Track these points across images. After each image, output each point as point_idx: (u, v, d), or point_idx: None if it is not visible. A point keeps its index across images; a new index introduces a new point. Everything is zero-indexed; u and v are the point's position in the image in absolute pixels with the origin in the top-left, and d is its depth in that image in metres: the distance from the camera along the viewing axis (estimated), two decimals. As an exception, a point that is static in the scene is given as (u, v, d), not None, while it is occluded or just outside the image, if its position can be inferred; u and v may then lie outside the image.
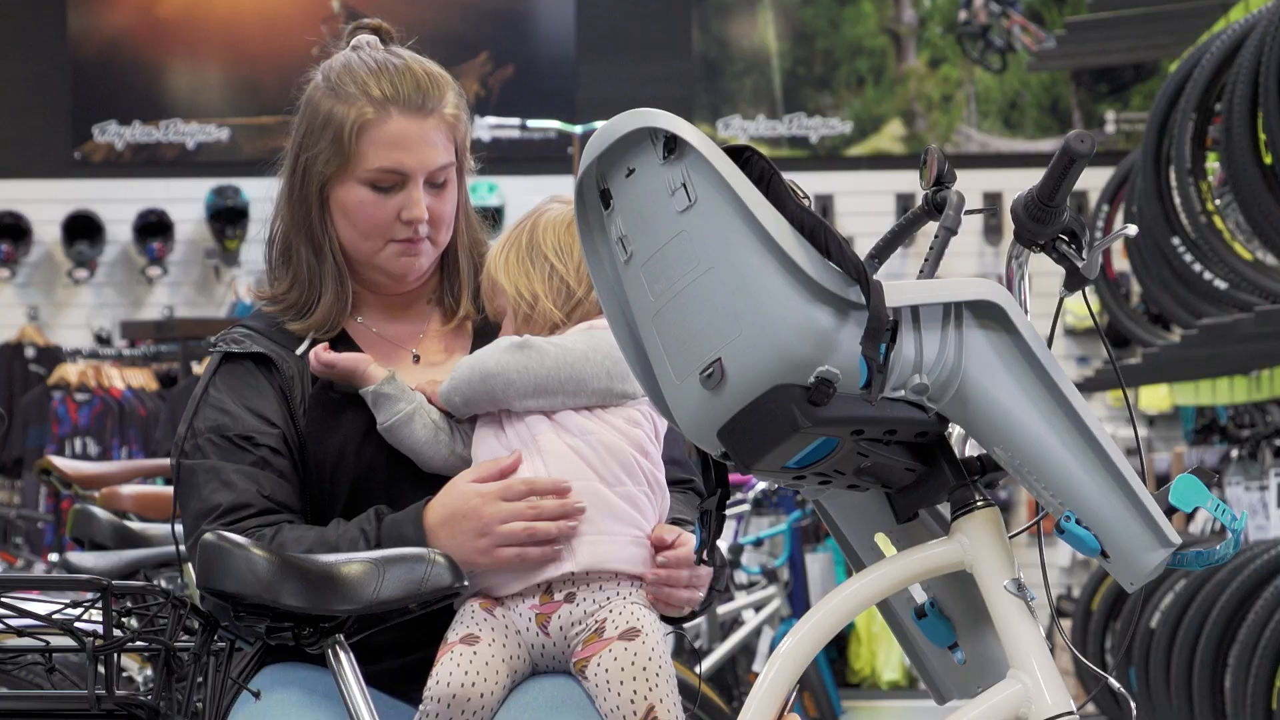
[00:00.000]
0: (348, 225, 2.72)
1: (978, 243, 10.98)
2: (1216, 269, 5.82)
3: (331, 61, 2.80)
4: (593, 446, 2.59)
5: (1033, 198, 2.29)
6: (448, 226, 2.75)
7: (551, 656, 2.56)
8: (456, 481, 2.59)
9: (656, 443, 2.64)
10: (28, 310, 11.11)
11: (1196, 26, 7.69)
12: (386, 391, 2.63)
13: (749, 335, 2.11)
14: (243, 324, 2.77)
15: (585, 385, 2.59)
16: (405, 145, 2.69)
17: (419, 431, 2.63)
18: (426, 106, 2.70)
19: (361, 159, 2.69)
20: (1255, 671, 5.46)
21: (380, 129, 2.69)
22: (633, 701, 2.48)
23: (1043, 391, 2.19)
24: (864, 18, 11.28)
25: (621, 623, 2.52)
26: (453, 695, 2.47)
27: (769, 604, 7.58)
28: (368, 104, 2.70)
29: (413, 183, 2.69)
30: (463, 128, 2.76)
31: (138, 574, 4.55)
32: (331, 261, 2.73)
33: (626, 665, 2.49)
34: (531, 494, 2.55)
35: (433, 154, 2.70)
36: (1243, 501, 6.62)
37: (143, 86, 11.29)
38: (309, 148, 2.73)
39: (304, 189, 2.73)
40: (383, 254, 2.72)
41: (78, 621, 2.42)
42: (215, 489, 2.62)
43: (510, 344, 2.60)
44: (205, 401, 2.69)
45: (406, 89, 2.71)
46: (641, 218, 2.19)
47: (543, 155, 10.90)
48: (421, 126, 2.70)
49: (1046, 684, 2.20)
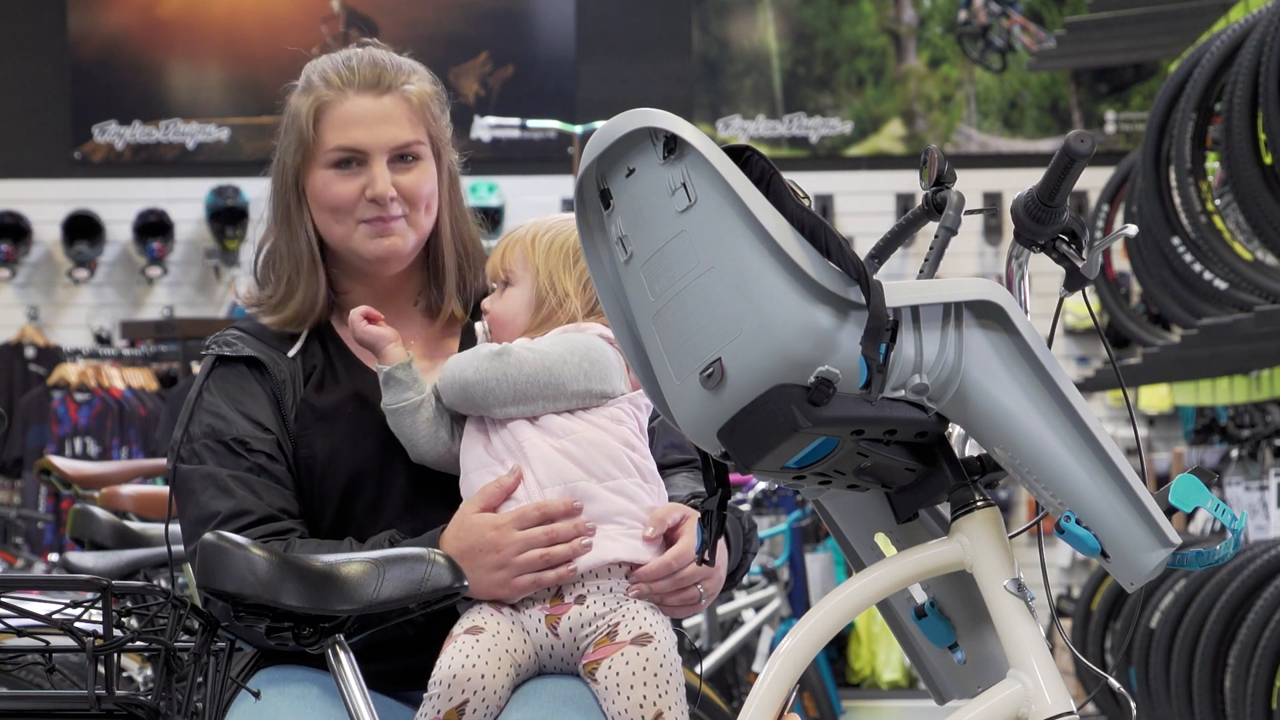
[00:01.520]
0: (319, 210, 2.74)
1: (978, 243, 10.98)
2: (1216, 269, 5.81)
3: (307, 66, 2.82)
4: (579, 445, 2.60)
5: (1033, 198, 2.29)
6: (426, 208, 2.75)
7: (559, 658, 2.57)
8: (467, 513, 2.59)
9: (642, 436, 2.65)
10: (28, 310, 11.11)
11: (1196, 26, 7.69)
12: (399, 376, 2.64)
13: (749, 335, 2.11)
14: (236, 326, 2.78)
15: (564, 389, 2.60)
16: (361, 123, 2.71)
17: (421, 425, 2.64)
18: (382, 84, 2.72)
19: (321, 142, 2.71)
20: (1255, 671, 5.46)
21: (336, 110, 2.71)
22: (641, 706, 2.48)
23: (1043, 391, 2.19)
24: (864, 18, 11.28)
25: (634, 628, 2.53)
26: (453, 676, 2.48)
27: (769, 604, 7.57)
28: (326, 89, 2.72)
29: (374, 159, 2.70)
30: (434, 111, 2.76)
31: (138, 574, 4.55)
32: (308, 256, 2.74)
33: (638, 670, 2.50)
34: (545, 520, 2.56)
35: (391, 130, 2.71)
36: (1243, 501, 6.62)
37: (143, 86, 11.29)
38: (280, 143, 2.77)
39: (281, 183, 2.76)
40: (355, 235, 2.73)
41: (78, 621, 2.42)
42: (213, 496, 2.63)
43: (489, 352, 2.60)
44: (200, 406, 2.70)
45: (362, 70, 2.73)
46: (641, 218, 2.19)
47: (543, 155, 10.89)
48: (378, 103, 2.71)
49: (1046, 684, 2.20)
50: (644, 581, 2.55)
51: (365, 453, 2.67)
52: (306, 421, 2.70)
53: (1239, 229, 5.77)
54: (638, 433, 2.65)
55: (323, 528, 2.69)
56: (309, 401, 2.70)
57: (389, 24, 10.99)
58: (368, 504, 2.68)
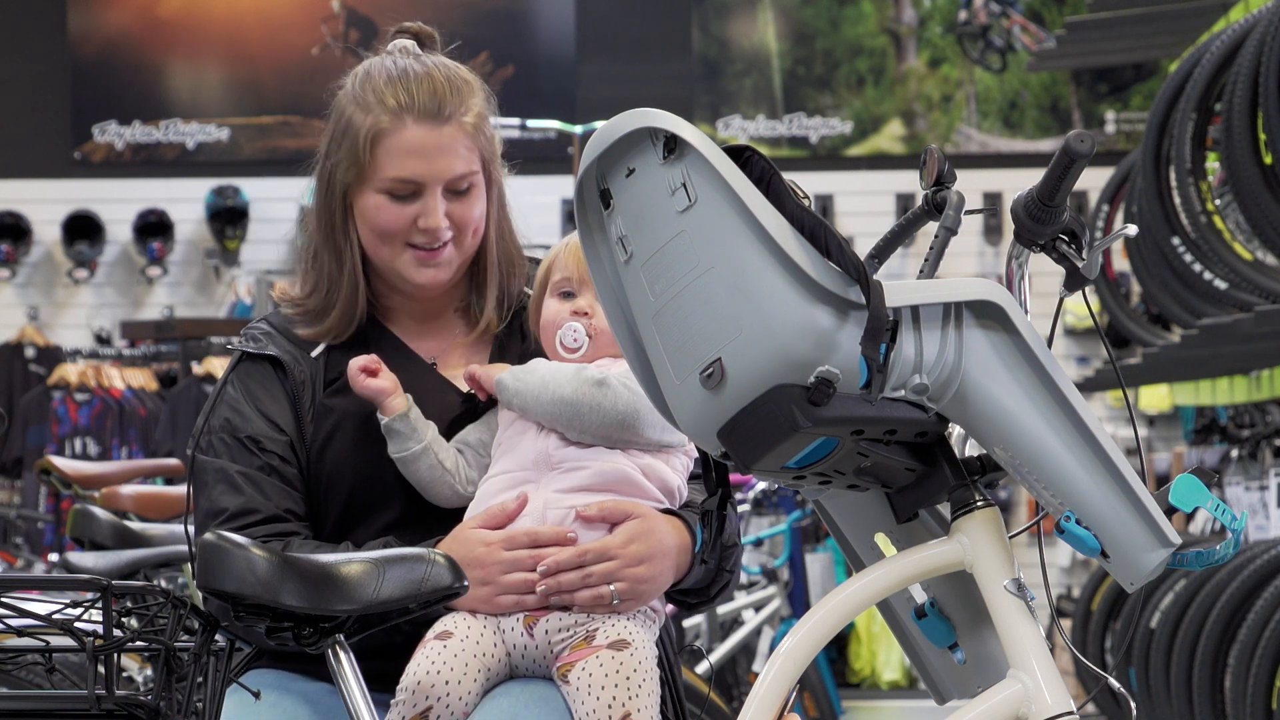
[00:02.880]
0: (367, 230, 2.71)
1: (978, 243, 10.98)
2: (1216, 269, 5.81)
3: (360, 66, 2.77)
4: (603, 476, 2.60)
5: (1033, 198, 2.29)
6: (474, 233, 2.73)
7: (533, 659, 2.56)
8: (465, 526, 2.60)
9: (680, 474, 2.65)
10: (28, 310, 11.11)
11: (1196, 26, 7.69)
12: (397, 428, 2.63)
13: (749, 335, 2.11)
14: (267, 320, 2.78)
15: (641, 436, 2.60)
16: (420, 154, 2.67)
17: (423, 471, 2.64)
18: (443, 114, 2.68)
19: (377, 168, 2.67)
20: (1255, 671, 5.46)
21: (394, 138, 2.67)
22: (610, 706, 2.47)
23: (1043, 391, 2.19)
24: (864, 18, 11.28)
25: (613, 634, 2.53)
26: (417, 683, 2.48)
27: (769, 604, 7.58)
28: (383, 113, 2.67)
29: (429, 191, 2.68)
30: (488, 134, 2.74)
31: (138, 574, 4.55)
32: (351, 270, 2.72)
33: (611, 673, 2.49)
34: (533, 545, 2.56)
35: (449, 163, 2.68)
36: (1243, 501, 6.62)
37: (143, 86, 11.29)
38: (332, 154, 2.72)
39: (328, 196, 2.73)
40: (401, 259, 2.71)
41: (78, 621, 2.42)
42: (223, 491, 2.65)
43: (591, 378, 2.58)
44: (222, 399, 2.71)
45: (422, 97, 2.68)
46: (641, 218, 2.19)
47: (543, 155, 10.89)
48: (438, 135, 2.68)
49: (1046, 684, 2.20)
50: (550, 571, 2.53)
51: (370, 461, 2.67)
52: (321, 426, 2.70)
53: (1239, 229, 5.77)
54: (678, 470, 2.65)
55: (325, 532, 2.69)
56: (325, 404, 2.71)
57: (389, 24, 10.86)
58: (370, 512, 2.68)
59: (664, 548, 2.57)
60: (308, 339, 2.74)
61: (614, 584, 2.54)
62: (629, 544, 2.55)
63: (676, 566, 2.60)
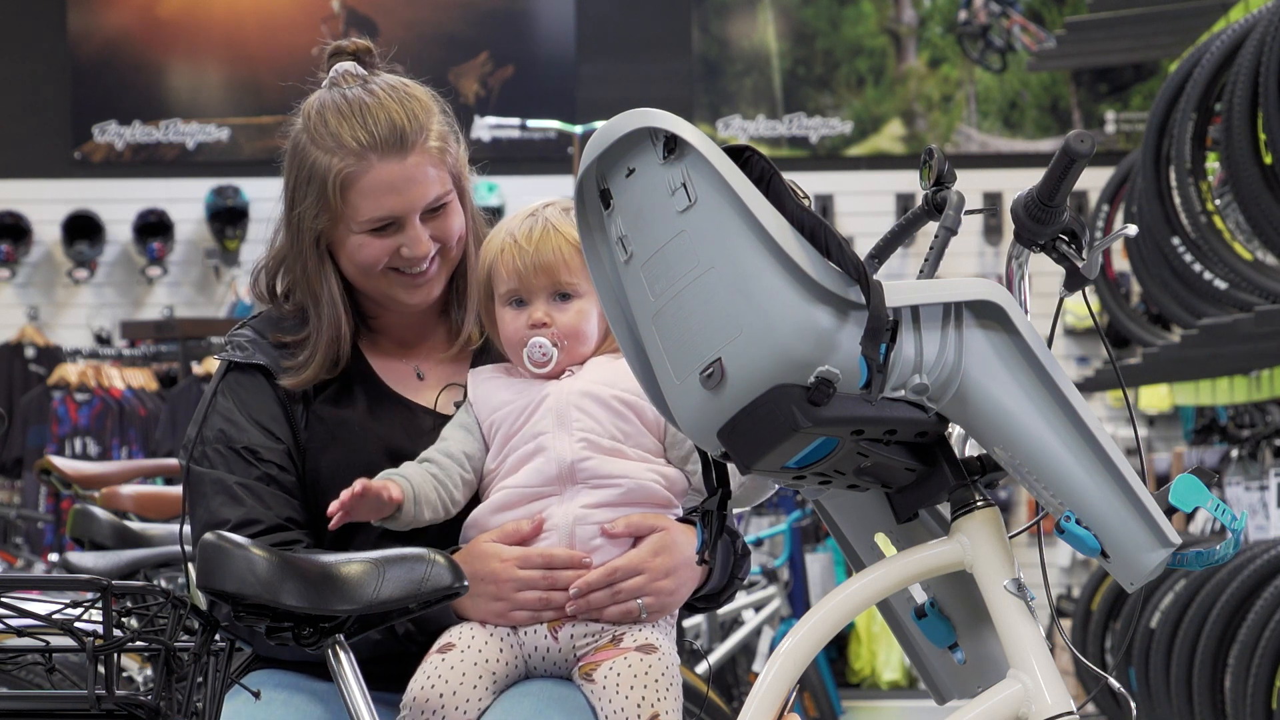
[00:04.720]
0: (352, 267, 2.70)
1: (978, 243, 10.98)
2: (1216, 269, 5.81)
3: (310, 103, 2.72)
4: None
5: (1033, 198, 2.29)
6: (458, 242, 2.72)
7: (553, 662, 2.57)
8: (481, 540, 2.60)
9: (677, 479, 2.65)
10: (28, 310, 11.11)
11: (1196, 26, 7.69)
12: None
13: (749, 335, 2.11)
14: (250, 325, 2.75)
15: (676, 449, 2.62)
16: (392, 189, 2.64)
17: (422, 522, 2.60)
18: (406, 145, 2.64)
19: (353, 211, 2.65)
20: (1255, 671, 5.46)
21: (364, 180, 2.64)
22: (639, 705, 2.48)
23: (1043, 391, 2.19)
24: (864, 18, 11.28)
25: (640, 639, 2.54)
26: (413, 699, 2.49)
27: (769, 604, 7.58)
28: (347, 155, 2.64)
29: (408, 221, 2.66)
30: (453, 152, 2.70)
31: (138, 574, 4.55)
32: (331, 319, 2.69)
33: (640, 673, 2.50)
34: (547, 565, 2.56)
35: (422, 191, 2.65)
36: (1243, 501, 6.62)
37: (143, 86, 11.29)
38: (299, 201, 2.69)
39: (298, 242, 2.70)
40: (391, 285, 2.69)
41: (78, 621, 2.42)
42: (223, 503, 2.63)
43: None
44: (213, 409, 2.69)
45: (382, 132, 2.64)
46: (641, 218, 2.19)
47: (543, 155, 10.89)
48: (404, 167, 2.64)
49: (1046, 684, 2.20)
50: (582, 592, 2.54)
51: (369, 470, 2.66)
52: (317, 433, 2.69)
53: (1239, 229, 5.77)
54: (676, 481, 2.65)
55: (325, 541, 2.69)
56: (319, 414, 2.70)
57: (389, 24, 10.99)
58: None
59: (686, 559, 2.59)
60: (290, 387, 2.68)
61: (642, 598, 2.56)
62: (655, 557, 2.57)
63: (696, 575, 2.62)
